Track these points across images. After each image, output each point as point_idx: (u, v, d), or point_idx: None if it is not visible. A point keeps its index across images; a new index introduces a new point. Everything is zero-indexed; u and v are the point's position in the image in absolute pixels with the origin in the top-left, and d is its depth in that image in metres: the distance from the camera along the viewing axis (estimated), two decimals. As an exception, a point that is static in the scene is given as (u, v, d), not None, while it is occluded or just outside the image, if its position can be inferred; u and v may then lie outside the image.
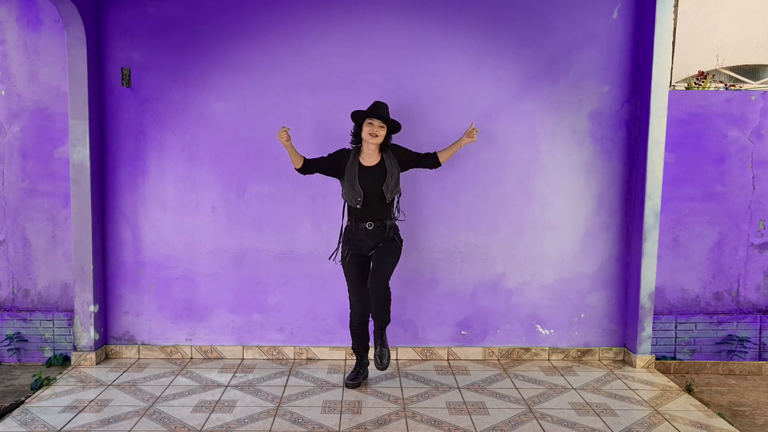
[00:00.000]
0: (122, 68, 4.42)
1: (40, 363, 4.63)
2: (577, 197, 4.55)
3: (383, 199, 3.85)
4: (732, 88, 4.95)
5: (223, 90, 4.44)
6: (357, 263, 3.91)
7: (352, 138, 3.92)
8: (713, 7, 8.15)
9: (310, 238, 4.53)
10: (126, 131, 4.47)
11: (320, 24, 4.39)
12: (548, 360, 4.63)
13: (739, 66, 7.66)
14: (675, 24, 5.14)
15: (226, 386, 4.06)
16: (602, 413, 3.71)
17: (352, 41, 4.40)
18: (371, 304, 3.87)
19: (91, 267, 4.36)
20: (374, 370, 4.29)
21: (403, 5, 4.40)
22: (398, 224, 4.05)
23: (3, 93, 4.55)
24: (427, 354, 4.61)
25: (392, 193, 3.87)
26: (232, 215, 4.52)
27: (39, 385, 4.08)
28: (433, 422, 3.55)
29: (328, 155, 3.94)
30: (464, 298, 4.59)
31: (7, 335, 4.61)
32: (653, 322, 4.54)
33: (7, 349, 4.62)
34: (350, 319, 4.04)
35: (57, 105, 4.52)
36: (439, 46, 4.42)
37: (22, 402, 3.84)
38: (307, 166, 3.89)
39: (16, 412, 3.65)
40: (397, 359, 4.59)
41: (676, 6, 5.31)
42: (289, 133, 3.81)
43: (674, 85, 5.04)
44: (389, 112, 3.90)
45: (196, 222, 4.53)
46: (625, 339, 4.63)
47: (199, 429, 3.44)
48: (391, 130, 3.86)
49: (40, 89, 4.53)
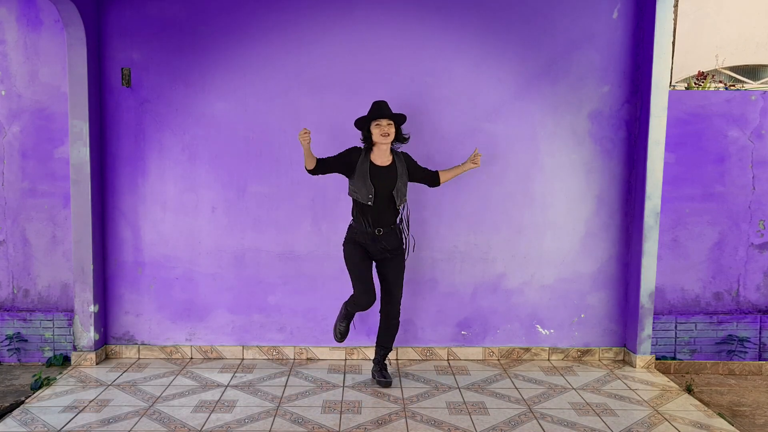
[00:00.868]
0: (122, 68, 4.42)
1: (40, 363, 4.63)
2: (577, 197, 4.55)
3: (392, 203, 3.87)
4: (732, 88, 4.94)
5: (223, 90, 4.44)
6: (364, 258, 3.91)
7: (364, 144, 3.91)
8: (713, 7, 8.13)
9: (310, 238, 4.53)
10: (126, 131, 4.47)
11: (320, 24, 4.39)
12: (548, 360, 4.63)
13: (739, 66, 7.65)
14: (675, 24, 5.14)
15: (226, 386, 4.06)
16: (602, 413, 3.71)
17: (352, 41, 4.40)
18: (380, 332, 4.08)
19: (91, 267, 4.36)
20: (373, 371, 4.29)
21: (404, 5, 4.40)
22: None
23: (3, 93, 4.55)
24: (427, 354, 4.61)
25: (401, 199, 3.89)
26: (232, 215, 4.52)
27: (39, 385, 4.08)
28: (433, 422, 3.55)
29: (339, 153, 3.91)
30: (464, 298, 4.59)
31: (7, 335, 4.61)
32: (653, 322, 4.54)
33: (7, 349, 4.62)
34: (353, 300, 3.95)
35: (57, 105, 4.52)
36: (440, 47, 4.42)
37: (22, 402, 3.84)
38: (319, 166, 3.86)
39: (16, 412, 3.66)
40: (397, 359, 4.59)
41: (676, 6, 5.31)
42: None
43: (674, 85, 5.04)
44: (390, 107, 3.90)
45: (196, 222, 4.53)
46: (625, 339, 4.63)
47: (199, 429, 3.44)
48: (398, 124, 3.88)
49: (40, 89, 4.53)
